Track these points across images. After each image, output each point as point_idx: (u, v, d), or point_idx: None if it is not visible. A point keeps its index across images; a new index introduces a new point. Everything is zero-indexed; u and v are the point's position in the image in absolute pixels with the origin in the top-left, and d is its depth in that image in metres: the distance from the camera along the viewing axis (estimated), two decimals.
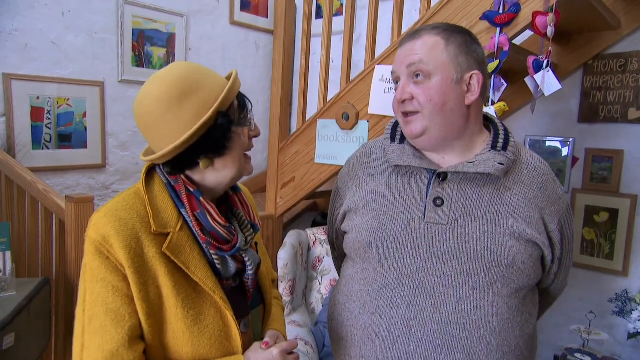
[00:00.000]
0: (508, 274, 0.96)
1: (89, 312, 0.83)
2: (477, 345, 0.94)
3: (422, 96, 0.98)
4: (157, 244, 0.84)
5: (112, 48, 2.77)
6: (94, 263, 0.83)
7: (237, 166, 0.92)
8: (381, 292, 1.00)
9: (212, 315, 0.88)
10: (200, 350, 0.86)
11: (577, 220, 2.43)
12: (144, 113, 0.86)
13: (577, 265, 2.43)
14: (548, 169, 1.08)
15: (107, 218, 0.84)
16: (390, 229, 1.01)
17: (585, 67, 2.38)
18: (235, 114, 0.90)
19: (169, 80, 0.85)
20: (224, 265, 0.91)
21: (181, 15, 3.03)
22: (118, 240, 0.82)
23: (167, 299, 0.84)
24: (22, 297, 1.51)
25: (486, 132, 1.08)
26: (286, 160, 2.47)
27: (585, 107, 2.39)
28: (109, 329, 0.81)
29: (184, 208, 0.88)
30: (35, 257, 2.01)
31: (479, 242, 0.96)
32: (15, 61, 2.44)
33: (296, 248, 2.34)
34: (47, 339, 1.69)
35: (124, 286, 0.82)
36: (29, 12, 2.46)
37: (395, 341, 0.97)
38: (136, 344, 0.83)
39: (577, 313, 2.42)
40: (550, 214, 1.03)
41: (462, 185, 1.01)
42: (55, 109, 2.57)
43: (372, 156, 1.14)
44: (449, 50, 0.98)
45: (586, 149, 2.40)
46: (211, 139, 0.86)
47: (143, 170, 0.92)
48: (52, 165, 2.58)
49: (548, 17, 1.63)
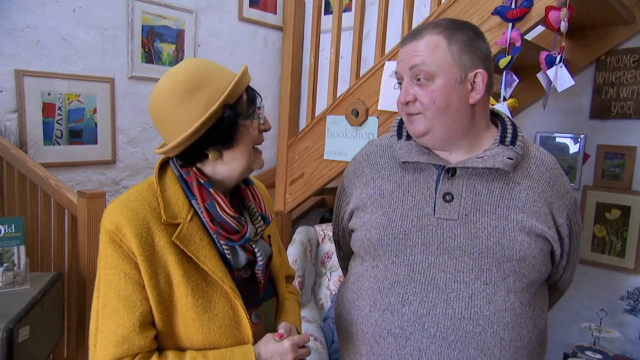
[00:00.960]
0: (520, 269, 0.96)
1: (103, 297, 0.86)
2: (490, 340, 0.94)
3: (426, 98, 0.97)
4: (168, 234, 0.87)
5: (122, 44, 2.79)
6: (108, 251, 0.86)
7: (246, 159, 0.93)
8: (392, 289, 1.00)
9: (222, 304, 0.89)
10: (211, 339, 0.88)
11: (588, 218, 2.42)
12: (157, 107, 0.90)
13: (588, 262, 2.42)
14: (556, 164, 1.08)
15: (120, 208, 0.87)
16: (400, 226, 1.00)
17: (597, 63, 2.35)
18: (244, 107, 0.92)
19: (180, 75, 0.88)
20: (234, 255, 0.93)
21: (190, 12, 3.04)
22: (130, 229, 0.85)
23: (178, 287, 0.87)
24: (36, 291, 1.52)
25: (493, 127, 1.07)
26: (295, 157, 2.47)
27: (597, 103, 2.37)
28: (120, 314, 0.84)
29: (194, 199, 0.90)
30: (48, 252, 2.03)
31: (490, 237, 0.96)
32: (27, 58, 2.46)
33: (305, 244, 2.34)
34: (60, 332, 1.71)
35: (135, 273, 0.85)
36: (40, 9, 2.48)
37: (408, 338, 0.97)
38: (147, 330, 0.85)
39: (587, 311, 2.41)
40: (558, 209, 1.03)
41: (471, 181, 1.00)
42: (66, 105, 2.58)
43: (379, 153, 1.13)
44: (451, 49, 0.96)
45: (597, 146, 2.38)
46: (218, 131, 0.88)
47: (157, 164, 0.95)
48: (63, 161, 2.60)
49: (561, 11, 1.61)
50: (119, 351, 0.83)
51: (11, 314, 1.37)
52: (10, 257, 1.52)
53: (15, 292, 1.51)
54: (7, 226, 1.53)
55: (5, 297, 1.48)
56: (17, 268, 1.54)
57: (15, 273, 1.54)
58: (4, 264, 1.52)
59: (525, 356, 0.98)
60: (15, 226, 1.55)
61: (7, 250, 1.52)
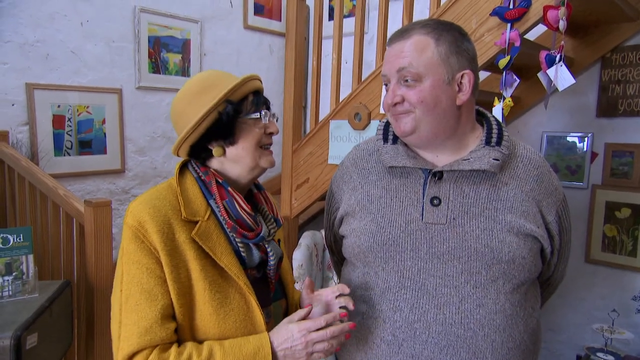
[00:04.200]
0: (509, 270, 0.96)
1: (126, 291, 0.89)
2: (482, 343, 0.94)
3: (414, 97, 0.97)
4: (187, 231, 0.91)
5: (129, 55, 2.84)
6: (131, 247, 0.90)
7: (250, 156, 0.97)
8: (383, 296, 1.00)
9: (237, 299, 0.93)
10: (226, 333, 0.91)
11: (598, 217, 2.38)
12: (173, 111, 0.99)
13: (599, 262, 2.38)
14: (543, 161, 1.07)
15: (142, 206, 0.91)
16: (388, 232, 1.00)
17: (603, 61, 2.32)
18: (247, 107, 0.97)
19: (193, 81, 0.98)
20: (249, 253, 0.97)
21: (196, 22, 3.08)
22: (152, 225, 0.89)
23: (196, 281, 0.90)
24: (44, 299, 1.55)
25: (479, 127, 1.07)
26: (300, 162, 2.49)
27: (604, 101, 2.34)
28: (143, 307, 0.87)
29: (212, 199, 0.95)
30: (58, 261, 2.07)
31: (479, 240, 0.95)
32: (37, 71, 2.52)
33: (311, 249, 2.35)
34: (69, 339, 1.74)
35: (157, 268, 0.89)
36: (49, 24, 2.54)
37: (401, 345, 0.97)
38: (168, 322, 0.89)
39: (599, 312, 2.37)
40: (547, 206, 1.02)
41: (458, 184, 1.00)
42: (76, 116, 2.64)
43: (366, 157, 1.13)
44: (439, 50, 0.96)
45: (605, 144, 2.35)
46: (218, 125, 0.94)
47: (177, 167, 1.00)
48: (74, 171, 2.65)
49: (559, 10, 1.60)
50: (142, 342, 0.86)
51: (19, 321, 1.40)
52: (19, 266, 1.56)
53: (24, 300, 1.54)
54: (16, 236, 1.57)
55: (14, 305, 1.51)
56: (26, 277, 1.58)
57: (24, 281, 1.57)
58: (13, 273, 1.55)
59: (518, 356, 0.97)
60: (24, 236, 1.58)
61: (16, 259, 1.56)
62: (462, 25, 1.87)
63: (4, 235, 1.56)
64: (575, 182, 2.44)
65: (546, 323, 2.55)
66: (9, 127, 2.43)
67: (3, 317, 1.44)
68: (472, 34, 1.84)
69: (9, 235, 1.57)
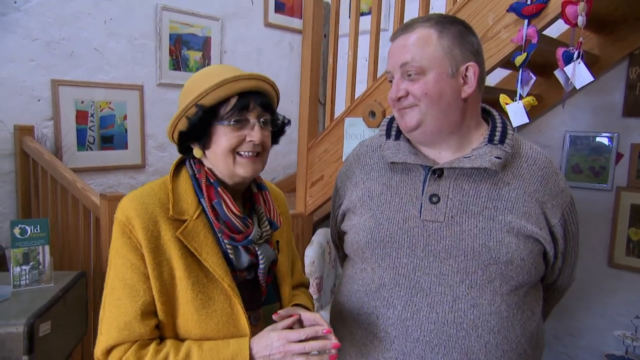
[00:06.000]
0: (506, 271, 0.93)
1: (110, 285, 0.91)
2: (475, 344, 0.91)
3: (418, 90, 0.95)
4: (173, 229, 0.91)
5: (151, 53, 2.90)
6: (118, 241, 0.91)
7: (223, 163, 0.94)
8: (378, 293, 0.99)
9: (221, 301, 0.91)
10: (208, 334, 0.90)
11: (622, 220, 2.30)
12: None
13: (622, 267, 2.30)
14: (549, 162, 1.03)
15: (131, 202, 0.92)
16: (386, 228, 0.99)
17: (630, 58, 2.24)
18: (225, 111, 0.92)
19: (191, 77, 0.98)
20: (237, 256, 0.95)
21: (216, 19, 3.12)
22: (138, 221, 0.89)
23: (179, 280, 0.90)
24: (59, 289, 1.61)
25: (484, 125, 1.05)
26: (315, 159, 2.49)
27: (631, 100, 2.25)
28: (124, 302, 0.88)
29: (203, 197, 0.94)
30: (76, 252, 2.14)
31: (476, 239, 0.93)
32: (62, 68, 2.60)
33: (324, 246, 2.35)
34: (83, 328, 1.79)
35: (141, 264, 0.89)
36: (74, 22, 2.62)
37: (393, 342, 0.96)
38: (149, 319, 0.89)
39: (622, 318, 2.28)
40: (551, 208, 0.99)
41: (458, 181, 0.98)
42: (98, 112, 2.71)
43: (369, 154, 1.12)
44: (442, 43, 0.95)
45: (632, 145, 2.26)
46: (190, 129, 0.93)
47: (174, 163, 0.99)
48: (96, 166, 2.73)
49: (579, 6, 1.55)
50: (120, 336, 0.87)
51: (33, 309, 1.45)
52: (35, 256, 1.62)
53: (40, 289, 1.60)
54: (33, 227, 1.63)
55: (30, 294, 1.57)
56: (42, 267, 1.63)
57: (40, 271, 1.63)
58: (30, 263, 1.61)
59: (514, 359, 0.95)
60: (41, 227, 1.64)
61: (33, 249, 1.61)
62: (479, 22, 1.86)
63: (22, 226, 1.62)
64: (599, 183, 2.36)
65: (566, 327, 2.48)
66: (35, 122, 2.52)
67: (19, 305, 1.50)
68: (488, 30, 1.80)
69: (27, 226, 1.63)
